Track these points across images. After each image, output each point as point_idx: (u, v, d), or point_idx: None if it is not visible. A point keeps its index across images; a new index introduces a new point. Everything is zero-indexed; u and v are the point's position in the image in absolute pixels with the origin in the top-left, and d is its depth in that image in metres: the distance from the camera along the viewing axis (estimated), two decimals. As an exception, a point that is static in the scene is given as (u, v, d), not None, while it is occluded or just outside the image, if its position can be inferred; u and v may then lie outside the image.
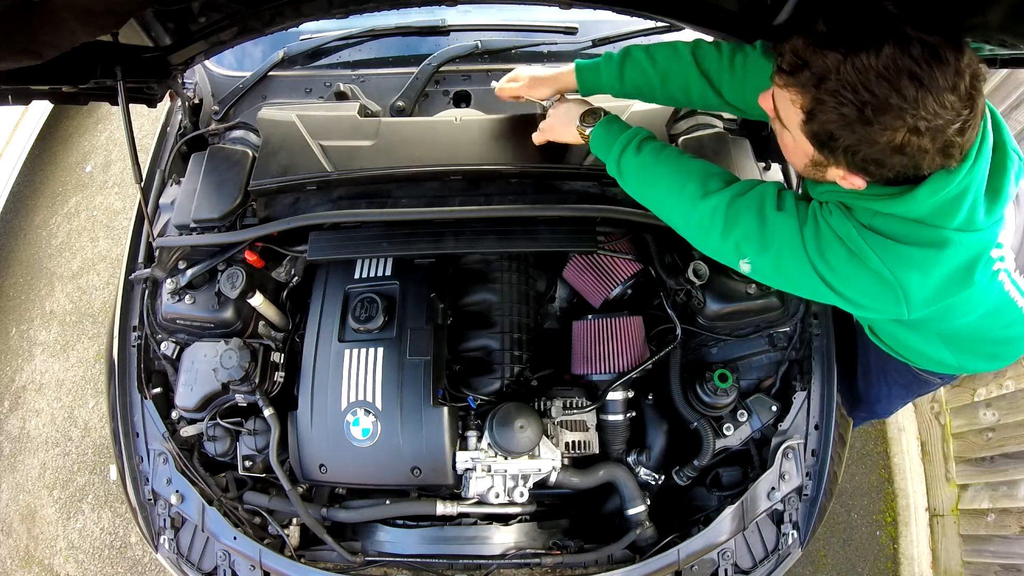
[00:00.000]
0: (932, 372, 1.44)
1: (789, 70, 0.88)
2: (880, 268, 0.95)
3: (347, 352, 1.43)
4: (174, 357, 1.55)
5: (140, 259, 1.64)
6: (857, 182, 0.93)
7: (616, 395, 1.49)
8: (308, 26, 1.63)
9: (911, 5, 0.83)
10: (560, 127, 1.33)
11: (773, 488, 1.40)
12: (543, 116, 1.39)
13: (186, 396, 1.48)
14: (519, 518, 1.47)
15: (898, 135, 0.83)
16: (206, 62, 1.82)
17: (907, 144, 0.84)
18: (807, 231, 1.00)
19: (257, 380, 1.42)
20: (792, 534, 1.41)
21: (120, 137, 3.56)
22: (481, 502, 1.41)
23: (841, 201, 1.01)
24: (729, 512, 1.37)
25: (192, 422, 1.53)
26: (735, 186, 1.08)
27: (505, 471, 1.38)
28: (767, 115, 1.11)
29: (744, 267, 1.08)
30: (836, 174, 0.95)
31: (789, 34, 0.88)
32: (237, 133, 1.71)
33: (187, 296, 1.51)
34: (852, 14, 0.84)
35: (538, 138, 1.39)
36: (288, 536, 1.47)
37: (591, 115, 1.27)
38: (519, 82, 1.41)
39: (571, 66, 1.35)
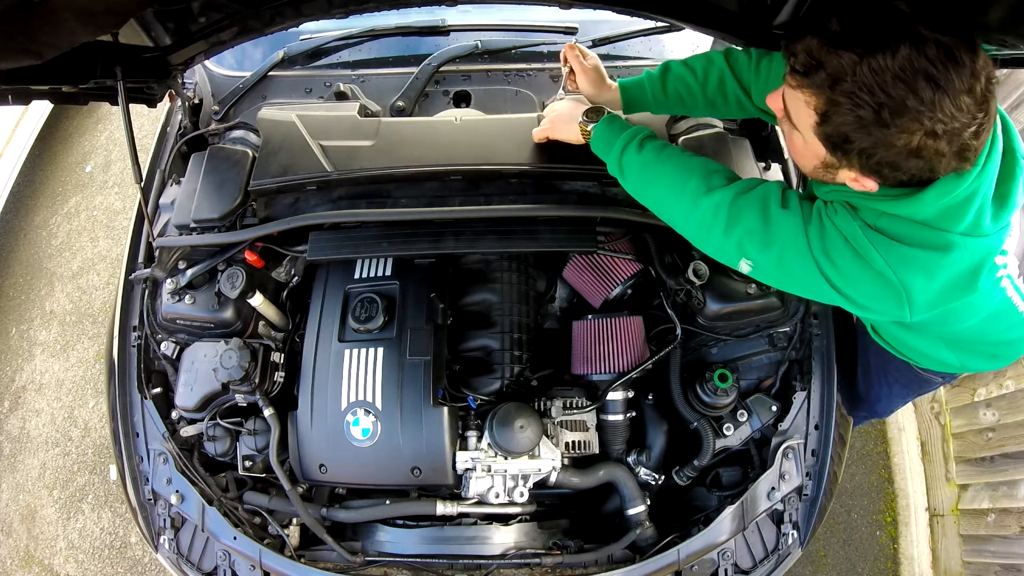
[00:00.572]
0: (934, 371, 1.44)
1: (803, 71, 0.86)
2: (884, 269, 0.94)
3: (347, 352, 1.43)
4: (174, 357, 1.55)
5: (140, 259, 1.64)
6: (869, 184, 0.92)
7: (616, 395, 1.49)
8: (308, 26, 1.63)
9: (922, 4, 0.83)
10: (561, 124, 1.33)
11: (773, 488, 1.40)
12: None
13: (186, 396, 1.48)
14: (519, 518, 1.47)
15: (915, 138, 0.82)
16: (206, 62, 1.82)
17: (924, 147, 0.82)
18: (811, 230, 0.99)
19: (257, 380, 1.42)
20: (792, 534, 1.41)
21: (120, 137, 3.56)
22: (481, 502, 1.41)
23: (846, 201, 1.00)
24: (729, 512, 1.37)
25: (192, 422, 1.53)
26: (738, 183, 1.07)
27: (505, 471, 1.38)
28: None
29: (745, 267, 1.06)
30: (847, 176, 0.93)
31: (801, 33, 0.87)
32: (237, 133, 1.71)
33: (187, 296, 1.51)
34: (865, 13, 0.83)
35: (538, 135, 1.39)
36: (288, 536, 1.47)
37: (593, 112, 1.27)
38: (585, 60, 1.36)
39: (614, 83, 1.35)
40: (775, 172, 1.59)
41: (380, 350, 1.42)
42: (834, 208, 1.00)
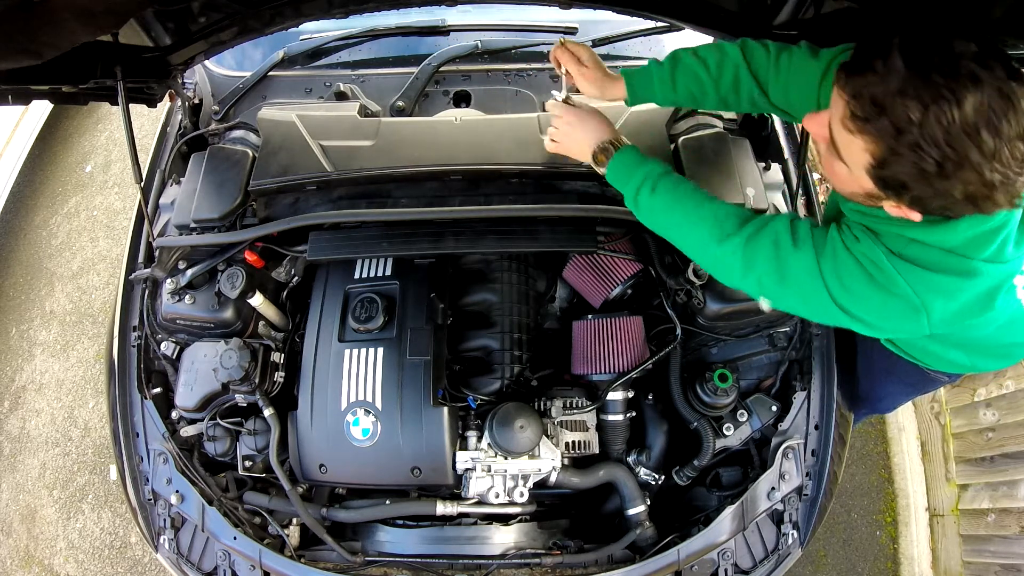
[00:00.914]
0: (943, 371, 1.45)
1: (864, 117, 0.82)
2: (908, 293, 0.94)
3: (347, 352, 1.43)
4: (174, 357, 1.55)
5: (140, 259, 1.64)
6: (914, 216, 0.90)
7: (616, 395, 1.49)
8: (308, 26, 1.63)
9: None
10: (574, 148, 1.26)
11: (773, 488, 1.40)
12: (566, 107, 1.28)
13: (186, 396, 1.48)
14: (519, 518, 1.47)
15: (971, 187, 0.81)
16: (206, 62, 1.82)
17: (978, 196, 0.81)
18: (825, 262, 0.98)
19: (257, 380, 1.42)
20: (792, 534, 1.41)
21: (120, 137, 3.56)
22: (481, 502, 1.41)
23: (867, 226, 0.99)
24: (729, 512, 1.37)
25: (192, 422, 1.53)
26: (749, 225, 1.06)
27: (505, 471, 1.38)
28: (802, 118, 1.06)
29: (765, 305, 1.08)
30: (890, 206, 0.91)
31: (860, 69, 0.82)
32: (237, 133, 1.71)
33: (187, 296, 1.51)
34: (927, 51, 0.79)
35: (551, 147, 1.32)
36: (288, 536, 1.47)
37: (602, 153, 1.20)
38: (581, 57, 1.26)
39: (618, 75, 1.27)
40: (775, 172, 1.59)
41: (380, 350, 1.42)
42: (853, 235, 0.99)
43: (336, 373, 1.42)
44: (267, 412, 1.44)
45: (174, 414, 1.54)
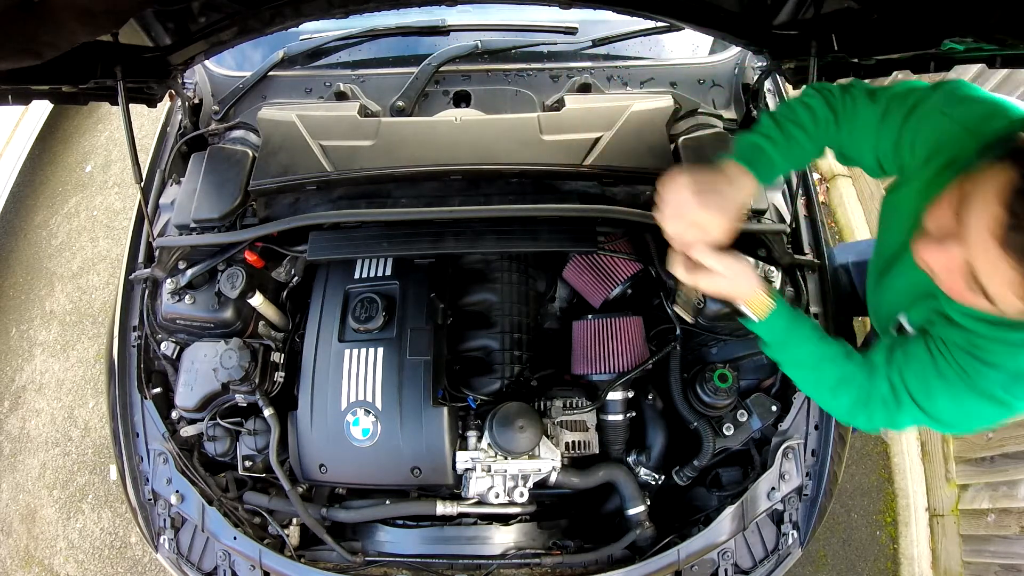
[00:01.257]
0: None
1: None
2: (1019, 406, 0.97)
3: (347, 352, 1.43)
4: (174, 357, 1.55)
5: (140, 259, 1.64)
6: None
7: (616, 395, 1.49)
8: (308, 26, 1.63)
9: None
10: (722, 294, 1.17)
11: (773, 488, 1.40)
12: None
13: (186, 396, 1.48)
14: (519, 518, 1.47)
15: None
16: (206, 62, 1.82)
17: None
18: (930, 405, 1.03)
19: (257, 380, 1.42)
20: (792, 534, 1.41)
21: (120, 137, 3.57)
22: (481, 502, 1.41)
23: (969, 336, 0.97)
24: (729, 512, 1.37)
25: (192, 422, 1.53)
26: (861, 396, 1.11)
27: (505, 471, 1.38)
28: (864, 167, 1.12)
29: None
30: None
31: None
32: (237, 133, 1.71)
33: (187, 296, 1.51)
34: None
35: (706, 284, 1.13)
36: (288, 536, 1.47)
37: (752, 308, 1.15)
38: (687, 208, 1.03)
39: (737, 172, 1.09)
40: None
41: (380, 350, 1.42)
42: (960, 367, 0.98)
43: (336, 373, 1.42)
44: (267, 412, 1.44)
45: (174, 414, 1.54)
